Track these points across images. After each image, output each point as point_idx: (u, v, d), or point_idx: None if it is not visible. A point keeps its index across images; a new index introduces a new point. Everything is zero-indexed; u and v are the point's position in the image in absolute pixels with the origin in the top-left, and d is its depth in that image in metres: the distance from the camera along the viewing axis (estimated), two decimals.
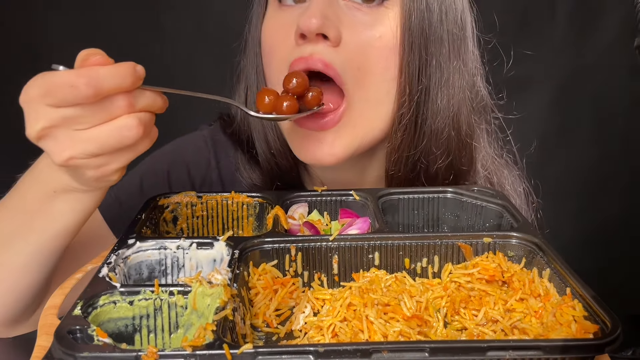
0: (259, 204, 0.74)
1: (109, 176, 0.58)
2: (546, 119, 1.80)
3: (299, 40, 0.74)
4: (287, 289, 0.61)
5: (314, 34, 0.72)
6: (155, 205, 0.72)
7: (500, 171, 0.91)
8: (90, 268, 0.62)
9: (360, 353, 0.45)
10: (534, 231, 0.64)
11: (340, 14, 0.74)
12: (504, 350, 0.45)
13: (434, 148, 0.79)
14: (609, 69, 1.74)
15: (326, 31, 0.72)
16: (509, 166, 0.94)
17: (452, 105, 0.79)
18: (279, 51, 0.77)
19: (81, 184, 0.61)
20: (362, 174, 0.87)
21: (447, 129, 0.79)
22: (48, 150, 0.56)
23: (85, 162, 0.55)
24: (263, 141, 0.85)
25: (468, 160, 0.83)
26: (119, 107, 0.55)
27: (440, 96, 0.78)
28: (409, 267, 0.63)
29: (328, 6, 0.73)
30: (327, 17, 0.72)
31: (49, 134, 0.55)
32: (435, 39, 0.76)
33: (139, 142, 0.57)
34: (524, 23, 1.72)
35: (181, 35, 1.66)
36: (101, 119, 0.54)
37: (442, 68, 0.77)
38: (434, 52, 0.76)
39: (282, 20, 0.78)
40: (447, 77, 0.78)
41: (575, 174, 1.83)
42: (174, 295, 0.53)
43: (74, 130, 0.54)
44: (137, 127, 0.55)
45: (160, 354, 0.44)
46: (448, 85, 0.78)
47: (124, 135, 0.55)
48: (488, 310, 0.57)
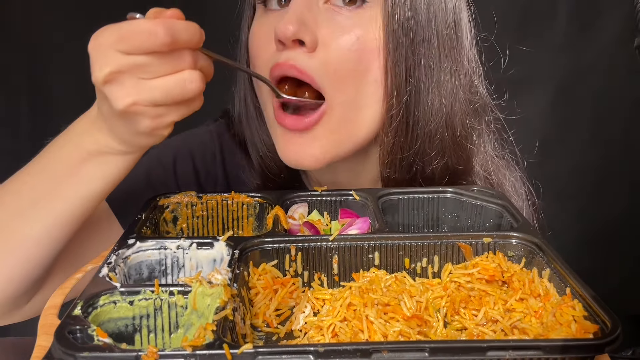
0: (259, 204, 0.74)
1: (163, 129, 0.61)
2: (546, 119, 1.80)
3: (278, 46, 0.74)
4: (287, 289, 0.61)
5: (290, 40, 0.72)
6: (156, 205, 0.72)
7: (501, 172, 0.91)
8: (90, 268, 0.62)
9: (360, 353, 0.45)
10: (534, 231, 0.64)
11: (318, 18, 0.74)
12: (504, 350, 0.45)
13: (428, 149, 0.79)
14: (609, 69, 1.74)
15: (302, 37, 0.72)
16: (511, 167, 0.94)
17: (445, 106, 0.78)
18: (262, 56, 0.78)
19: (122, 142, 0.63)
20: (357, 176, 0.87)
21: (441, 130, 0.78)
22: (111, 95, 0.58)
23: (146, 109, 0.58)
24: (252, 144, 0.86)
25: (465, 161, 0.83)
26: (186, 62, 0.58)
27: (432, 97, 0.77)
28: (409, 267, 0.63)
29: (307, 10, 0.73)
30: (304, 22, 0.72)
31: (115, 79, 0.57)
32: (422, 39, 0.75)
33: (197, 98, 0.60)
34: (524, 23, 1.72)
35: None
36: (168, 70, 0.57)
37: (432, 69, 0.76)
38: (422, 53, 0.75)
39: (266, 25, 0.78)
40: (437, 78, 0.77)
41: (576, 174, 1.83)
42: (174, 295, 0.53)
43: (140, 79, 0.57)
44: (199, 82, 0.59)
45: (160, 354, 0.44)
46: (439, 86, 0.77)
47: (187, 87, 0.58)
48: (488, 310, 0.57)
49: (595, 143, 1.83)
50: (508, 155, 0.95)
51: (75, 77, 1.67)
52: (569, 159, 1.83)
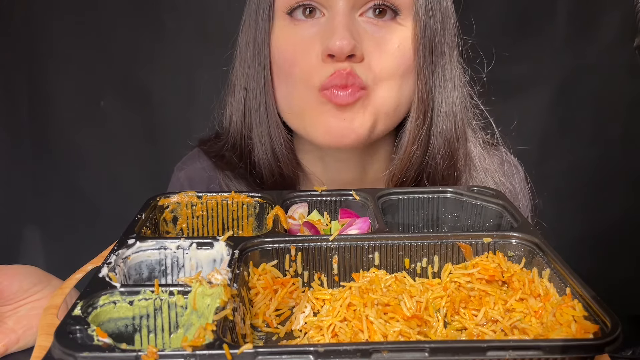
0: (259, 204, 0.74)
1: None
2: (546, 119, 1.80)
3: (327, 59, 0.77)
4: (287, 289, 0.61)
5: (345, 55, 0.75)
6: (155, 205, 0.72)
7: (498, 171, 0.92)
8: (90, 268, 0.62)
9: (360, 353, 0.45)
10: (534, 231, 0.64)
11: (360, 30, 0.78)
12: (504, 350, 0.45)
13: (436, 149, 0.84)
14: (609, 69, 1.74)
15: (355, 52, 0.76)
16: (512, 167, 0.95)
17: (453, 109, 0.84)
18: (300, 65, 0.80)
19: None
20: (363, 172, 0.90)
21: (448, 130, 0.84)
22: None
23: None
24: (270, 154, 0.87)
25: (463, 161, 0.87)
26: None
27: (445, 102, 0.83)
28: (408, 267, 0.63)
29: (351, 24, 0.77)
30: (353, 37, 0.76)
31: None
32: (440, 46, 0.81)
33: None
34: (524, 23, 1.72)
35: (182, 35, 1.66)
36: None
37: (445, 73, 0.82)
38: (439, 59, 0.81)
39: (298, 35, 0.80)
40: (449, 81, 0.83)
41: (575, 174, 1.83)
42: (174, 295, 0.53)
43: None
44: None
45: (160, 354, 0.44)
46: (447, 90, 0.83)
47: None
48: (488, 310, 0.57)
49: (595, 143, 1.83)
50: (508, 155, 0.95)
51: (76, 77, 1.68)
52: (569, 159, 1.82)
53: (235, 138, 0.90)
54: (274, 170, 0.87)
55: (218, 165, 0.93)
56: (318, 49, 0.78)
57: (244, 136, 0.88)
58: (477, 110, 0.90)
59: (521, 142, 0.96)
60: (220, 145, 0.93)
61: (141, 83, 1.67)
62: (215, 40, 0.90)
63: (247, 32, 0.85)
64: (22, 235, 1.77)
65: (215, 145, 0.94)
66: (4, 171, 1.71)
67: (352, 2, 0.77)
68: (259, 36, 0.83)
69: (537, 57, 1.72)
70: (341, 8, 0.77)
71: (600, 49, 1.74)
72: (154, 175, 1.54)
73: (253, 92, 0.85)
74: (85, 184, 1.74)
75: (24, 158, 1.72)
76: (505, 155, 0.95)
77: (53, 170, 1.71)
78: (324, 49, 0.76)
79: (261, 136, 0.86)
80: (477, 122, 0.91)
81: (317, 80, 0.78)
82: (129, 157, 1.74)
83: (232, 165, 0.91)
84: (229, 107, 0.90)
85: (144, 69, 1.66)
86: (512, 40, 1.67)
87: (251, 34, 0.84)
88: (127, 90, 1.68)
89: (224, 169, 0.92)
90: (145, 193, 0.75)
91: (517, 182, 0.95)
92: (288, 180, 0.88)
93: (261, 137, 0.86)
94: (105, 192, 1.73)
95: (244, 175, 0.90)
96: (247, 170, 0.89)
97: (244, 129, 0.88)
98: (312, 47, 0.78)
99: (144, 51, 1.65)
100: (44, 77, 1.68)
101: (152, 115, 1.71)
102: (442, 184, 0.85)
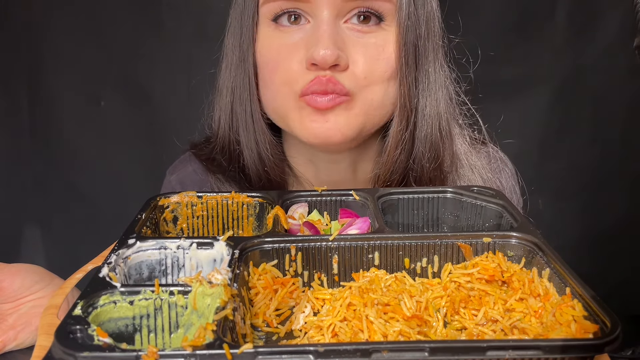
0: (259, 204, 0.74)
1: None
2: (546, 119, 1.80)
3: (311, 67, 0.76)
4: (287, 288, 0.61)
5: (329, 65, 0.75)
6: (156, 205, 0.72)
7: (486, 167, 0.92)
8: (91, 268, 0.62)
9: (360, 353, 0.45)
10: (534, 231, 0.64)
11: (344, 37, 0.78)
12: (504, 350, 0.45)
13: (421, 152, 0.83)
14: (609, 69, 1.74)
15: (339, 62, 0.76)
16: (500, 163, 0.95)
17: (437, 111, 0.83)
18: (281, 71, 0.79)
19: None
20: (354, 173, 0.90)
21: (434, 132, 0.83)
22: None
23: None
24: (257, 159, 0.87)
25: (449, 161, 0.87)
26: None
27: (429, 102, 0.82)
28: (408, 267, 0.63)
29: (335, 33, 0.76)
30: (337, 46, 0.75)
31: None
32: (424, 50, 0.81)
33: None
34: (524, 23, 1.72)
35: (182, 35, 1.66)
36: None
37: (429, 77, 0.82)
38: (423, 62, 0.81)
39: (282, 41, 0.80)
40: (433, 84, 0.82)
41: (576, 174, 1.83)
42: (174, 295, 0.53)
43: None
44: None
45: (161, 353, 0.44)
46: (432, 92, 0.83)
47: None
48: (488, 310, 0.57)
49: (595, 143, 1.83)
50: (497, 153, 0.96)
51: (76, 77, 1.68)
52: (569, 159, 1.83)
53: (224, 141, 0.90)
54: (262, 175, 0.87)
55: (209, 169, 0.93)
56: (302, 55, 0.78)
57: (232, 140, 0.88)
58: (463, 107, 0.90)
59: (521, 142, 0.96)
60: (211, 148, 0.93)
61: (142, 83, 1.67)
62: (216, 40, 0.90)
63: (232, 36, 0.85)
64: (22, 235, 1.77)
65: (206, 149, 0.94)
66: (4, 171, 1.71)
67: (337, 10, 0.77)
68: (244, 43, 0.83)
69: (537, 57, 1.72)
70: (326, 16, 0.76)
71: (600, 49, 1.74)
72: (154, 175, 1.54)
73: (240, 97, 0.85)
74: (86, 184, 1.74)
75: (24, 158, 1.72)
76: (493, 151, 0.96)
77: (53, 170, 1.71)
78: (308, 57, 0.76)
79: (248, 141, 0.86)
80: (465, 120, 0.91)
81: (297, 86, 0.78)
82: (129, 157, 1.74)
83: (223, 168, 0.91)
84: (217, 109, 0.90)
85: (144, 69, 1.66)
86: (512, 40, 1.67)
87: (236, 39, 0.84)
88: (128, 90, 1.68)
89: (215, 172, 0.92)
90: (146, 193, 0.75)
91: (504, 178, 0.95)
92: (275, 185, 0.88)
93: (248, 142, 0.86)
94: (106, 192, 1.73)
95: (234, 178, 0.90)
96: (237, 173, 0.89)
97: (232, 133, 0.88)
98: (295, 53, 0.78)
99: (144, 51, 1.65)
100: (44, 77, 1.68)
101: (153, 115, 1.71)
102: (428, 185, 0.85)
